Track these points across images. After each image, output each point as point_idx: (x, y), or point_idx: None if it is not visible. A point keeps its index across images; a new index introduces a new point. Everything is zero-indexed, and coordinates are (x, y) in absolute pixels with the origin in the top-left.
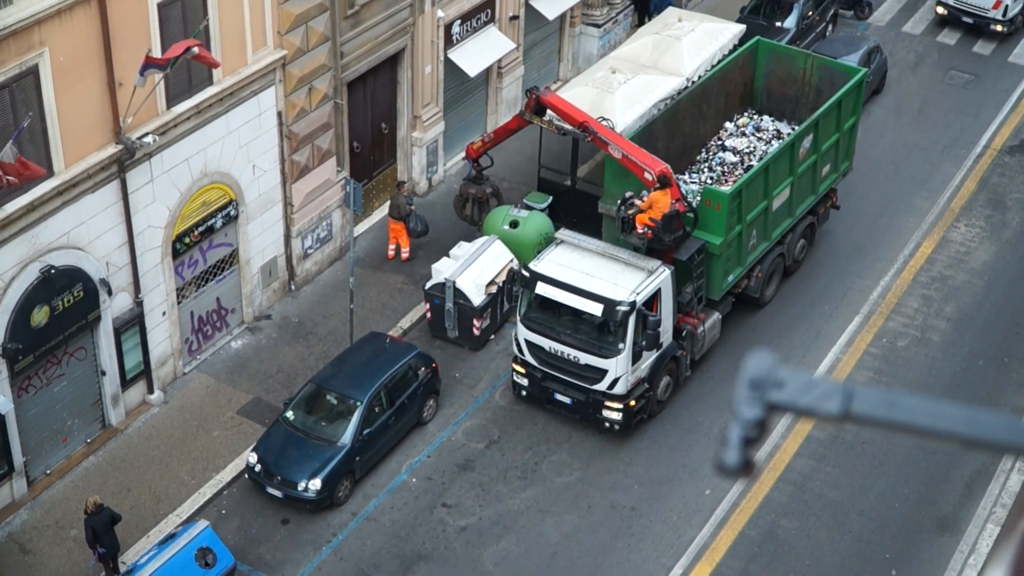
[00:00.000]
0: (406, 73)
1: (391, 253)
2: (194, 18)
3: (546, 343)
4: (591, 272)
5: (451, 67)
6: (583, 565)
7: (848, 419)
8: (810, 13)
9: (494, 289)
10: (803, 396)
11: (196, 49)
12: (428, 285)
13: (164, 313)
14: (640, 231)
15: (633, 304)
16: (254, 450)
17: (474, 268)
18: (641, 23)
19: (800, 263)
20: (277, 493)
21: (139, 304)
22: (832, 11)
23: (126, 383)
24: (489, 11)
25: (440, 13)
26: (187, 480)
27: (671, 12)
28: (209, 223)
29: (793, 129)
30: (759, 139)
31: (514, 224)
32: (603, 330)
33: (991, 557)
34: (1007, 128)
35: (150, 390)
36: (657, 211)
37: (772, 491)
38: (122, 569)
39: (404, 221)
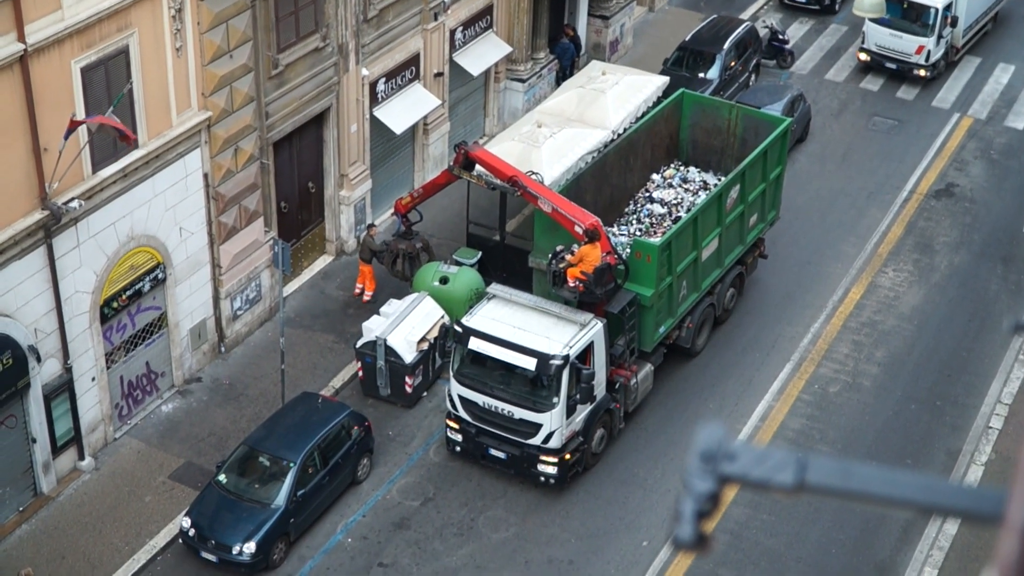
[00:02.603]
0: (332, 132)
1: (356, 291)
2: (118, 81)
3: (480, 398)
4: (523, 326)
5: (377, 125)
6: None
7: (803, 490)
8: (732, 64)
9: (425, 346)
10: (756, 468)
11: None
12: (359, 343)
13: (93, 379)
14: (571, 284)
15: (566, 358)
16: (187, 514)
17: (405, 325)
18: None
19: (730, 312)
20: (211, 557)
21: (68, 370)
22: (755, 61)
23: (57, 450)
24: (413, 68)
25: (364, 71)
26: (121, 546)
27: (595, 65)
28: (137, 287)
29: (719, 180)
30: (686, 190)
31: (444, 280)
32: (536, 384)
33: None
34: (932, 172)
35: (81, 457)
36: (588, 264)
37: None
38: None
39: (371, 263)
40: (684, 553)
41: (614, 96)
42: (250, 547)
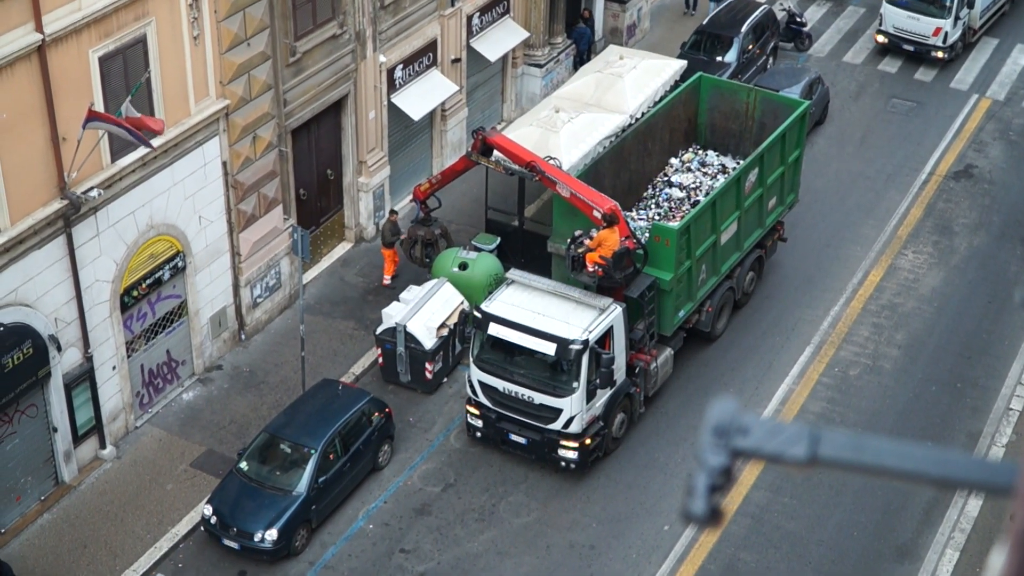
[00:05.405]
0: (350, 119)
1: (385, 282)
2: (136, 71)
3: (500, 384)
4: (543, 311)
5: (395, 111)
6: None
7: (815, 463)
8: (750, 47)
9: (445, 332)
10: (769, 442)
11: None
12: (379, 330)
13: (114, 367)
14: (590, 269)
15: (586, 342)
16: (209, 502)
17: (424, 311)
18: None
19: (750, 296)
20: (233, 545)
21: (89, 359)
22: (772, 44)
23: (78, 439)
24: (431, 55)
25: (382, 58)
26: (143, 535)
27: (612, 50)
28: (157, 275)
29: (738, 163)
30: (705, 174)
31: (463, 266)
32: (556, 369)
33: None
34: (951, 154)
35: (102, 445)
36: (607, 249)
37: (730, 524)
38: None
39: (392, 247)
40: (695, 527)
41: (632, 80)
42: (272, 534)
